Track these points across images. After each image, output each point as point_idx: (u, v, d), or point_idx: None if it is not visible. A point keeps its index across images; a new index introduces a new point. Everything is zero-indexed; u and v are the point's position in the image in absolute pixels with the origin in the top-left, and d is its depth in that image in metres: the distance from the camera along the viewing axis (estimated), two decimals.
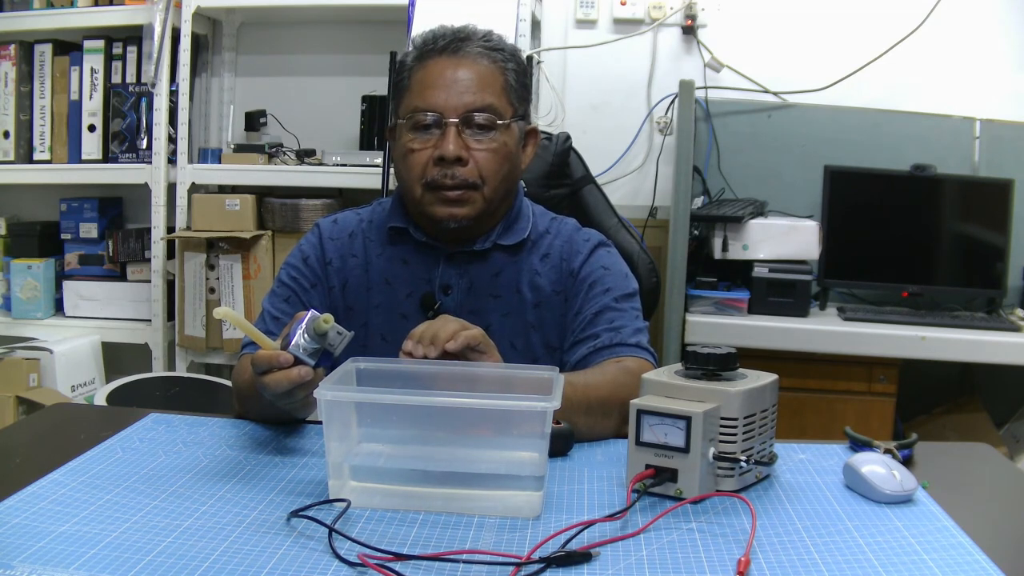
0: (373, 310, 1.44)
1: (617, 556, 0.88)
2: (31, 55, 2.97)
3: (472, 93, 1.36)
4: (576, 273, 1.44)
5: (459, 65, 1.37)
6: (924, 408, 2.80)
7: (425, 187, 1.37)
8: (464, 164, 1.36)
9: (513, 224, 1.46)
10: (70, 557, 0.85)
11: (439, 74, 1.37)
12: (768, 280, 2.59)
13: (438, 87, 1.36)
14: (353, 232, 1.49)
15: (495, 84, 1.38)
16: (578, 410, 1.21)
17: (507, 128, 1.39)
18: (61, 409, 1.50)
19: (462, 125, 1.36)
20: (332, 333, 1.12)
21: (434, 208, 1.38)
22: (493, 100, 1.37)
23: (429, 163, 1.36)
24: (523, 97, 1.44)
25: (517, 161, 1.44)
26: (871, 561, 0.88)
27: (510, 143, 1.40)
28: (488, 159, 1.37)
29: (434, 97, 1.36)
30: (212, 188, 2.98)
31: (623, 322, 1.40)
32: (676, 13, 2.92)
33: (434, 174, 1.36)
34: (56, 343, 2.81)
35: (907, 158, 2.72)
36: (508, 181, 1.41)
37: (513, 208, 1.47)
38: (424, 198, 1.38)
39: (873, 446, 1.17)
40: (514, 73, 1.41)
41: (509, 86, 1.40)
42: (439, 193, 1.37)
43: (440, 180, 1.36)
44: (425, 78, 1.38)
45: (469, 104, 1.36)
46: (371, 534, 0.93)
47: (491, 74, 1.38)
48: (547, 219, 1.51)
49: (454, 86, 1.36)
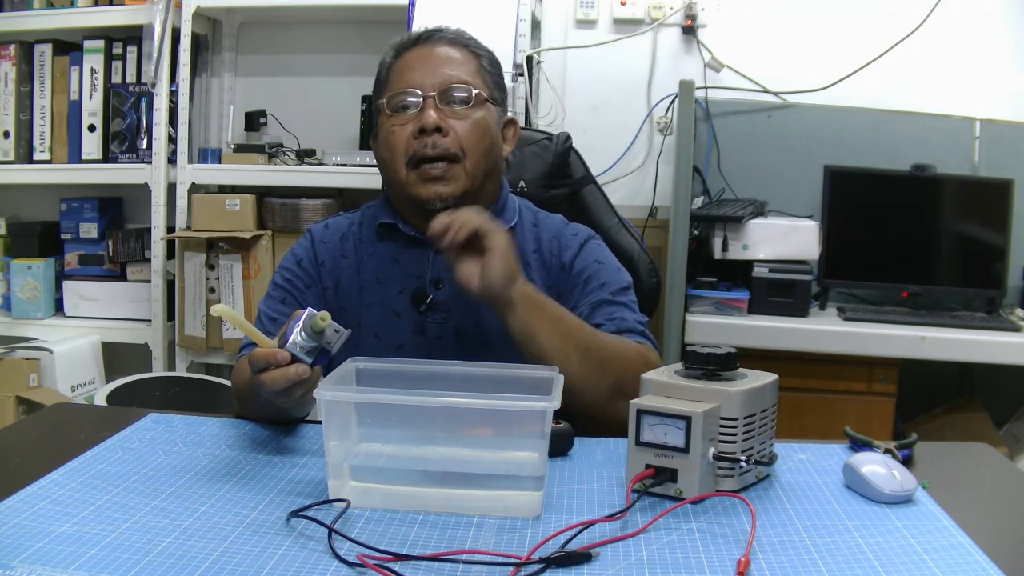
0: (366, 309, 1.45)
1: (617, 556, 0.88)
2: (31, 55, 2.97)
3: (448, 69, 1.42)
4: (568, 267, 1.45)
5: (432, 51, 1.44)
6: (924, 408, 2.80)
7: (409, 165, 1.39)
8: (444, 134, 1.38)
9: (499, 215, 1.46)
10: (70, 557, 0.85)
11: (415, 59, 1.43)
12: (768, 280, 2.59)
13: (414, 70, 1.42)
14: (344, 235, 1.50)
15: (469, 65, 1.44)
16: (577, 348, 1.22)
17: (483, 103, 1.42)
18: (61, 409, 1.50)
19: (439, 99, 1.40)
20: (329, 331, 1.12)
21: (418, 188, 1.39)
22: (468, 77, 1.42)
23: (410, 138, 1.39)
24: (499, 87, 1.48)
25: (497, 141, 1.46)
26: (871, 561, 0.88)
27: (489, 119, 1.43)
28: (468, 130, 1.40)
29: (411, 77, 1.41)
30: (212, 188, 2.98)
31: (623, 314, 1.41)
32: (676, 13, 2.92)
33: (415, 147, 1.38)
34: (56, 343, 2.81)
35: (907, 158, 2.72)
36: (489, 157, 1.43)
37: (499, 200, 1.49)
38: (408, 178, 1.40)
39: (873, 446, 1.17)
40: (488, 61, 1.47)
41: (483, 69, 1.45)
42: (422, 170, 1.39)
43: (421, 152, 1.38)
44: (402, 66, 1.44)
45: (445, 79, 1.40)
46: (371, 534, 0.93)
47: (465, 56, 1.44)
48: (533, 213, 1.53)
49: (428, 66, 1.42)
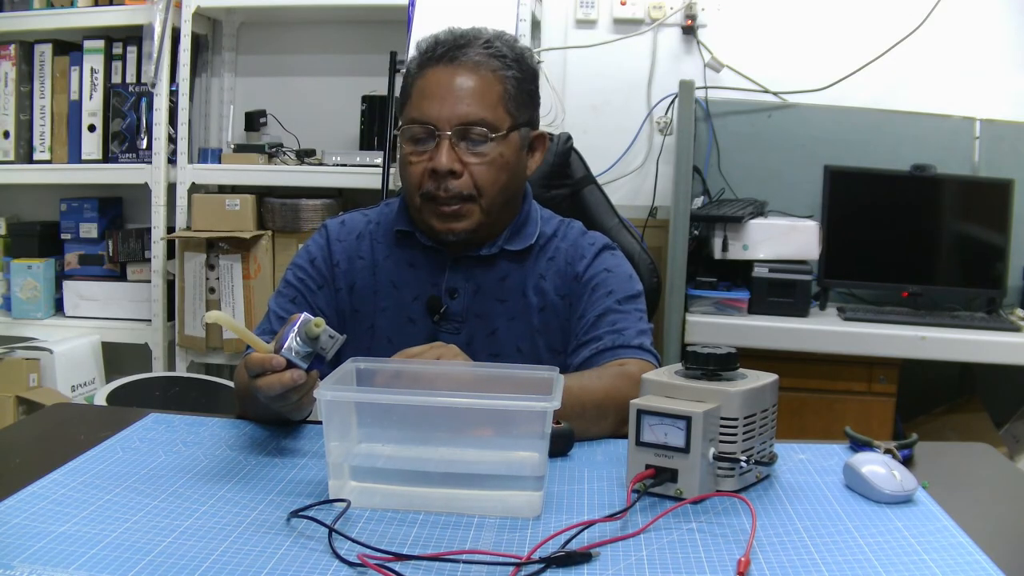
0: (380, 313, 1.44)
1: (617, 556, 0.88)
2: (31, 55, 2.97)
3: (467, 105, 1.34)
4: (580, 277, 1.44)
5: (455, 74, 1.36)
6: (924, 408, 2.80)
7: (423, 198, 1.38)
8: (458, 177, 1.35)
9: (521, 229, 1.45)
10: (70, 557, 0.85)
11: (435, 84, 1.36)
12: (768, 280, 2.59)
13: (434, 98, 1.35)
14: (360, 233, 1.48)
15: (491, 95, 1.36)
16: (571, 415, 1.20)
17: (504, 139, 1.37)
18: (61, 409, 1.50)
19: (456, 138, 1.35)
20: (324, 337, 1.12)
21: (432, 221, 1.38)
22: (487, 114, 1.35)
23: (425, 175, 1.36)
24: (527, 104, 1.41)
25: (518, 169, 1.42)
26: (871, 561, 0.88)
27: (507, 153, 1.38)
28: (483, 171, 1.36)
29: (429, 109, 1.35)
30: (212, 188, 2.98)
31: (626, 324, 1.40)
32: (676, 13, 2.92)
33: (429, 187, 1.36)
34: (56, 343, 2.81)
35: (907, 158, 2.72)
36: (507, 191, 1.40)
37: (521, 213, 1.46)
38: (423, 209, 1.39)
39: (873, 446, 1.17)
40: (515, 80, 1.39)
41: (507, 95, 1.37)
42: (435, 207, 1.37)
43: (435, 193, 1.36)
44: (423, 88, 1.37)
45: (463, 117, 1.34)
46: (371, 534, 0.93)
47: (488, 85, 1.36)
48: (554, 223, 1.50)
49: (448, 97, 1.34)
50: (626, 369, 1.33)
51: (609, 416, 1.26)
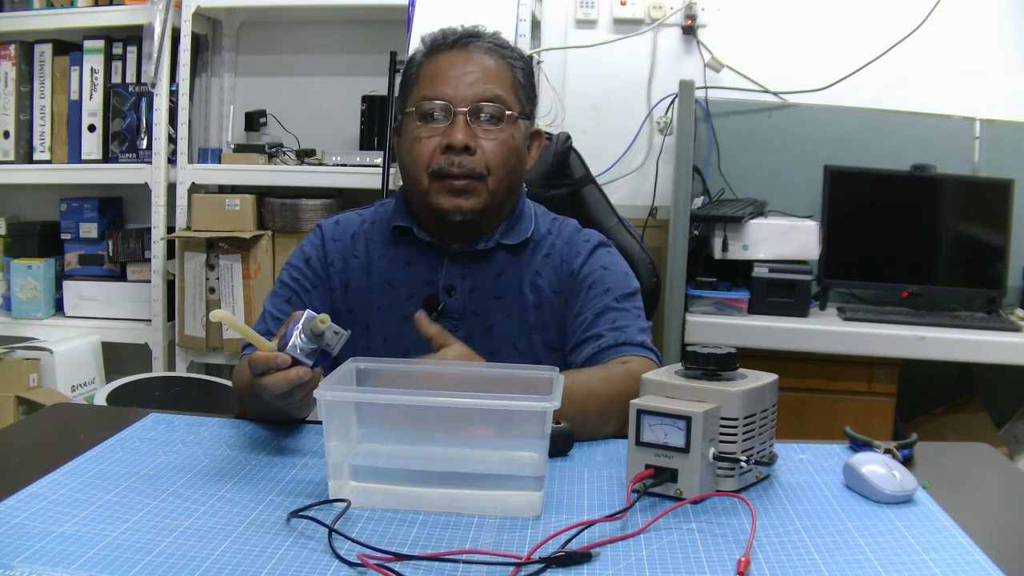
0: (375, 312, 1.44)
1: (617, 556, 0.88)
2: (31, 55, 2.97)
3: (482, 84, 1.38)
4: (576, 274, 1.44)
5: (469, 59, 1.39)
6: (924, 408, 2.80)
7: (431, 176, 1.38)
8: (472, 153, 1.36)
9: (516, 224, 1.46)
10: (70, 557, 0.85)
11: (449, 66, 1.39)
12: (768, 280, 2.59)
13: (448, 78, 1.38)
14: (355, 233, 1.49)
15: (504, 78, 1.40)
16: (575, 421, 1.20)
17: (514, 122, 1.40)
18: (61, 409, 1.50)
19: (470, 115, 1.37)
20: (329, 333, 1.11)
21: (440, 199, 1.38)
22: (502, 93, 1.39)
23: (436, 151, 1.37)
24: (529, 97, 1.46)
25: (523, 158, 1.45)
26: (871, 561, 0.88)
27: (517, 137, 1.41)
28: (495, 150, 1.38)
29: (443, 87, 1.37)
30: (212, 188, 2.98)
31: (626, 322, 1.40)
32: (676, 13, 2.92)
33: (441, 162, 1.37)
34: (56, 343, 2.81)
35: (907, 158, 2.72)
36: (513, 176, 1.42)
37: (516, 208, 1.48)
38: (431, 187, 1.38)
39: (873, 446, 1.17)
40: (522, 72, 1.43)
41: (518, 83, 1.42)
42: (445, 182, 1.37)
43: (447, 168, 1.36)
44: (435, 70, 1.39)
45: (479, 95, 1.37)
46: (371, 534, 0.93)
47: (500, 69, 1.40)
48: (548, 220, 1.51)
49: (464, 77, 1.38)
50: (631, 368, 1.33)
51: (612, 420, 1.26)
